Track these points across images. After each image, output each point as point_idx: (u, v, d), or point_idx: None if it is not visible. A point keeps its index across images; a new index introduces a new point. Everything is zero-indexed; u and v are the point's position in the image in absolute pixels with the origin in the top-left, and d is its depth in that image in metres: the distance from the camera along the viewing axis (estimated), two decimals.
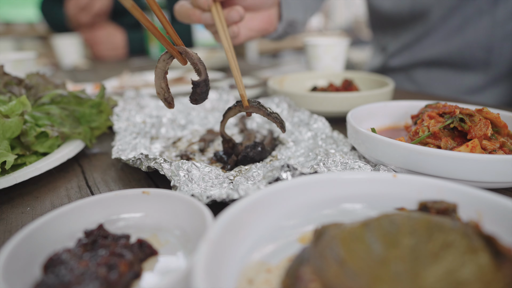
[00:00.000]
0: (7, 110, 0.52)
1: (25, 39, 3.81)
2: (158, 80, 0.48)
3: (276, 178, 0.39)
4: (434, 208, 0.30)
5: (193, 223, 0.35)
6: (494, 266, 0.23)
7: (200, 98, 0.48)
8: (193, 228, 0.35)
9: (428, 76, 1.14)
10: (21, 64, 1.04)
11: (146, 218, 0.38)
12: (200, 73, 0.47)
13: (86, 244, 0.33)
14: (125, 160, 0.52)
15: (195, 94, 0.47)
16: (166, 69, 0.48)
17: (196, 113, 0.75)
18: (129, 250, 0.32)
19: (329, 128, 0.61)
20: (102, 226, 0.35)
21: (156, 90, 0.48)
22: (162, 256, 0.34)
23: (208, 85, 0.48)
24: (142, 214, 0.38)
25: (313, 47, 1.04)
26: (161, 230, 0.37)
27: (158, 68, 0.48)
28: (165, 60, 0.47)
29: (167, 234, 0.36)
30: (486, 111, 0.48)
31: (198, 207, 0.34)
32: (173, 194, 0.37)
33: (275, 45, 3.94)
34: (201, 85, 0.47)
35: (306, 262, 0.25)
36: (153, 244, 0.34)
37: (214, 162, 0.56)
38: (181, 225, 0.36)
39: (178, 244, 0.35)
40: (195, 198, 0.37)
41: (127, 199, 0.38)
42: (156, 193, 0.38)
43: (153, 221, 0.38)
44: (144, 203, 0.38)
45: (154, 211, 0.38)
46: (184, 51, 0.46)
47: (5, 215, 0.44)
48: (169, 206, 0.37)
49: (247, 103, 0.52)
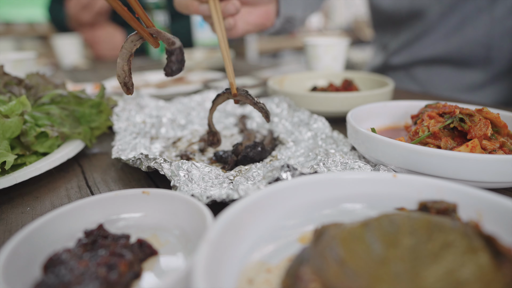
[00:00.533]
0: (7, 110, 0.52)
1: (25, 39, 3.80)
2: (121, 62, 0.45)
3: (276, 178, 0.39)
4: (434, 208, 0.30)
5: (193, 223, 0.35)
6: (494, 266, 0.23)
7: (176, 68, 0.43)
8: (193, 228, 0.35)
9: (429, 74, 1.14)
10: (21, 64, 1.04)
11: (146, 218, 0.38)
12: (174, 43, 0.43)
13: (86, 244, 0.33)
14: (125, 160, 0.52)
15: (170, 63, 0.43)
16: (132, 52, 0.45)
17: (196, 113, 0.76)
18: (129, 250, 0.32)
19: (329, 128, 0.61)
20: (102, 226, 0.35)
21: (117, 72, 0.46)
22: (162, 256, 0.34)
23: (183, 54, 0.44)
24: (142, 214, 0.38)
25: (313, 47, 1.04)
26: (161, 230, 0.37)
27: (124, 48, 0.45)
28: (133, 42, 0.44)
29: (167, 234, 0.36)
30: (486, 111, 0.48)
31: (198, 207, 0.34)
32: (173, 194, 0.37)
33: (275, 45, 3.94)
34: (176, 52, 0.42)
35: (306, 262, 0.25)
36: (153, 244, 0.34)
37: (214, 162, 0.56)
38: (181, 225, 0.36)
39: (178, 244, 0.35)
40: (195, 198, 0.37)
41: (127, 199, 0.38)
42: (156, 193, 0.38)
43: (153, 221, 0.38)
44: (144, 203, 0.38)
45: (154, 211, 0.38)
46: (156, 32, 0.44)
47: (5, 215, 0.44)
48: (169, 206, 0.37)
49: (235, 91, 0.53)
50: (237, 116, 0.75)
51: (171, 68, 0.43)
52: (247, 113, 0.75)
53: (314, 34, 4.67)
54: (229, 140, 0.66)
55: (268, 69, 1.57)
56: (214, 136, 0.57)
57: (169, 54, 0.43)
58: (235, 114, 0.76)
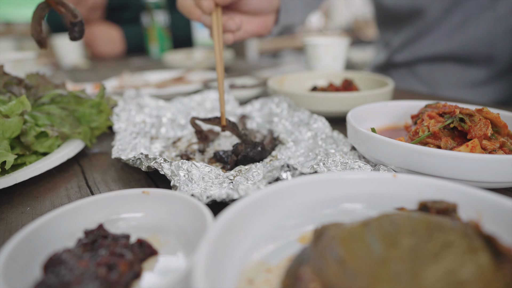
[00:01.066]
0: (7, 110, 0.52)
1: (25, 39, 3.80)
2: (34, 24, 0.57)
3: (276, 178, 0.39)
4: (434, 208, 0.30)
5: (193, 223, 0.35)
6: (494, 266, 0.23)
7: (79, 36, 0.58)
8: (193, 228, 0.35)
9: (432, 71, 1.14)
10: (21, 64, 1.04)
11: (146, 218, 0.38)
12: (77, 16, 0.56)
13: (86, 244, 0.33)
14: (125, 160, 0.52)
15: (73, 32, 0.57)
16: (42, 16, 0.57)
17: (196, 113, 0.76)
18: (129, 250, 0.32)
19: (329, 128, 0.61)
20: (102, 226, 0.35)
21: (31, 31, 0.57)
22: (162, 256, 0.34)
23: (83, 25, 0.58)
24: (142, 214, 0.38)
25: (313, 47, 1.04)
26: (161, 230, 0.37)
27: (35, 14, 0.57)
28: (42, 8, 0.56)
29: (167, 234, 0.36)
30: (486, 111, 0.48)
31: (198, 207, 0.34)
32: (173, 194, 0.37)
33: (275, 45, 3.94)
34: (78, 25, 0.57)
35: (306, 262, 0.25)
36: (153, 244, 0.34)
37: (214, 162, 0.56)
38: (181, 225, 0.36)
39: (178, 244, 0.35)
40: (195, 198, 0.37)
41: (127, 199, 0.38)
42: (156, 193, 0.38)
43: (153, 221, 0.38)
44: (144, 203, 0.38)
45: (154, 211, 0.38)
46: (60, 2, 0.55)
47: (5, 215, 0.44)
48: (169, 206, 0.37)
49: (225, 123, 0.56)
50: (237, 116, 0.75)
51: (74, 36, 0.57)
52: (247, 113, 0.75)
53: (314, 34, 4.67)
54: (229, 140, 0.66)
55: (268, 69, 1.57)
56: (201, 133, 0.61)
57: (72, 25, 0.57)
58: (235, 114, 0.76)
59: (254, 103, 0.76)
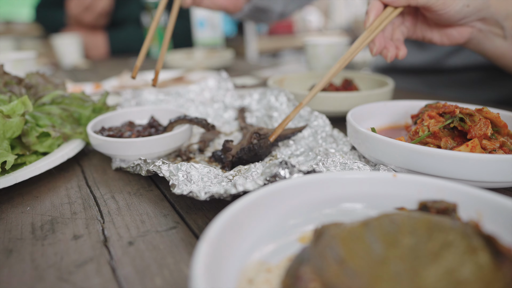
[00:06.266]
0: (9, 110, 0.52)
1: (25, 38, 3.80)
2: None
3: (274, 174, 0.39)
4: (434, 208, 0.30)
5: None
6: (494, 266, 0.23)
7: None
8: None
9: (432, 73, 1.14)
10: (21, 64, 1.04)
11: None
12: None
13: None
14: (125, 168, 0.53)
15: None
16: None
17: (195, 108, 0.76)
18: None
19: (329, 126, 0.61)
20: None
21: None
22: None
23: None
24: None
25: (313, 46, 1.04)
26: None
27: None
28: None
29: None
30: (486, 110, 0.48)
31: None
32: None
33: (275, 44, 3.94)
34: None
35: (306, 261, 0.25)
36: None
37: (212, 161, 0.56)
38: None
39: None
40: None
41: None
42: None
43: None
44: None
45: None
46: None
47: (5, 215, 0.44)
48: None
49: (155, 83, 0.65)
50: (236, 109, 0.75)
51: None
52: (246, 105, 0.75)
53: (314, 33, 4.67)
54: (228, 138, 0.66)
55: (268, 68, 1.57)
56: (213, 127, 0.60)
57: None
58: (233, 107, 0.75)
59: (253, 94, 0.75)
